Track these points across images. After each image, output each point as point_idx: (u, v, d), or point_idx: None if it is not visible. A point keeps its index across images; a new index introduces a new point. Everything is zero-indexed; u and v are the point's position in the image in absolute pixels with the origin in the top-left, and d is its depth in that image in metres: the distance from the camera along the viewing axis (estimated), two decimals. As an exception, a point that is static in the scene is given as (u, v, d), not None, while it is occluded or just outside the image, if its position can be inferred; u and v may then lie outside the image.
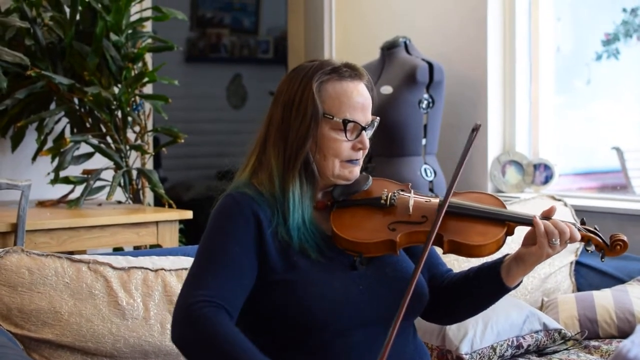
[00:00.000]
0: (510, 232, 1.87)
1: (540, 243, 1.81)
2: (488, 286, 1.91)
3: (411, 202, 1.90)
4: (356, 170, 1.91)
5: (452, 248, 1.84)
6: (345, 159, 1.88)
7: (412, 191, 1.95)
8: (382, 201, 1.90)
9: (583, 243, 1.88)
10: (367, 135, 1.90)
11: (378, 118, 1.94)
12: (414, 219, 1.87)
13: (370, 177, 1.96)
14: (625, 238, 1.87)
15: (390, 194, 1.91)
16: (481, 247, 1.83)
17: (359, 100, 1.88)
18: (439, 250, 1.95)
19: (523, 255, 1.86)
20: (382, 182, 1.98)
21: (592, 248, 1.88)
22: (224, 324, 1.71)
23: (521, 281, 1.92)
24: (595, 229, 1.90)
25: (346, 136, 1.87)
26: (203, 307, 1.72)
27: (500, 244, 1.85)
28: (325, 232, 1.88)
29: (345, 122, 1.86)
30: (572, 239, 1.83)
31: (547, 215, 1.87)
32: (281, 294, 1.81)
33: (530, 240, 1.85)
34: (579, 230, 1.85)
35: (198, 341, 1.70)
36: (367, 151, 1.92)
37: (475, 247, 1.83)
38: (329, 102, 1.87)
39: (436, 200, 1.91)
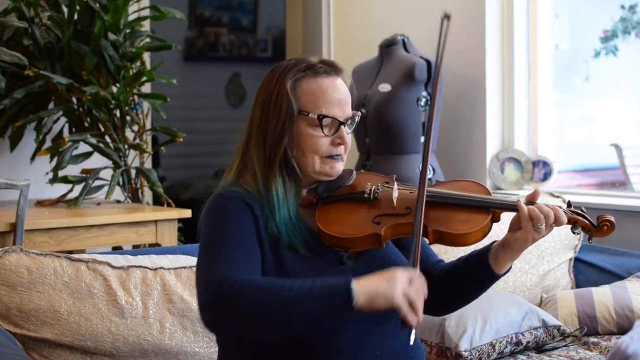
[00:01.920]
0: (496, 219, 1.87)
1: (524, 227, 1.81)
2: (477, 274, 1.92)
3: (395, 195, 1.90)
4: (338, 166, 1.91)
5: (437, 238, 1.84)
6: (325, 154, 1.89)
7: (396, 183, 1.95)
8: (366, 195, 1.90)
9: (570, 225, 1.87)
10: (347, 130, 1.90)
11: (359, 113, 1.94)
12: (398, 211, 1.87)
13: (354, 172, 1.97)
14: (612, 218, 1.86)
15: (373, 187, 1.92)
16: (466, 235, 1.83)
17: (335, 95, 1.88)
18: (426, 241, 1.96)
19: (509, 241, 1.86)
20: (366, 176, 1.98)
21: (579, 230, 1.87)
22: (257, 278, 1.70)
23: (510, 267, 1.91)
24: (582, 210, 1.89)
25: (323, 132, 1.87)
26: (231, 278, 1.67)
27: (486, 232, 1.85)
28: (312, 228, 1.89)
29: (321, 117, 1.86)
30: (558, 222, 1.82)
31: (531, 200, 1.87)
32: None
33: (515, 226, 1.85)
34: (564, 212, 1.85)
35: (246, 308, 1.65)
36: (349, 146, 1.92)
37: (460, 235, 1.83)
38: (304, 98, 1.87)
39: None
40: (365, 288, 1.65)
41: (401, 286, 1.65)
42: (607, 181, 4.49)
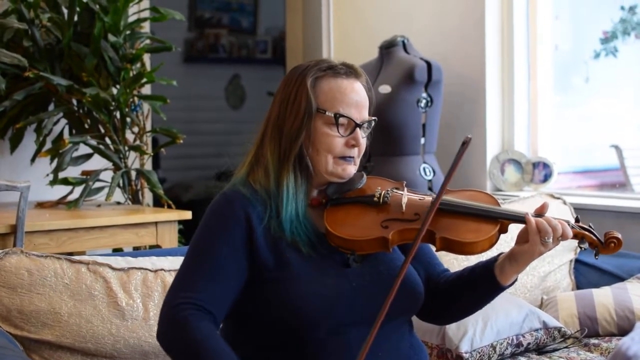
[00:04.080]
0: (503, 230, 1.87)
1: (532, 240, 1.82)
2: (482, 285, 1.92)
3: (404, 200, 1.91)
4: (350, 169, 1.92)
5: (444, 245, 1.85)
6: (339, 155, 1.89)
7: (406, 189, 1.96)
8: (376, 199, 1.91)
9: (577, 240, 1.87)
10: (362, 134, 1.91)
11: (375, 118, 1.95)
12: (407, 216, 1.87)
13: (365, 176, 1.97)
14: (619, 235, 1.86)
15: (383, 191, 1.92)
16: (473, 244, 1.83)
17: (353, 97, 1.90)
18: (432, 249, 1.96)
19: (516, 254, 1.86)
20: (376, 181, 1.99)
21: (585, 245, 1.87)
22: (205, 330, 1.75)
23: (516, 279, 1.92)
24: (590, 226, 1.89)
25: (339, 131, 1.88)
26: (187, 309, 1.76)
27: (493, 242, 1.86)
28: (319, 229, 1.89)
29: (337, 116, 1.87)
30: (564, 237, 1.83)
31: (539, 213, 1.87)
32: (273, 292, 1.81)
33: (523, 239, 1.85)
34: (572, 227, 1.86)
35: (178, 343, 1.75)
36: (362, 150, 1.93)
37: (468, 244, 1.83)
38: (323, 97, 1.89)
39: (429, 198, 1.91)
40: None
41: None
42: (607, 182, 4.49)
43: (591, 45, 4.26)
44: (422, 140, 3.94)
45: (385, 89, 3.91)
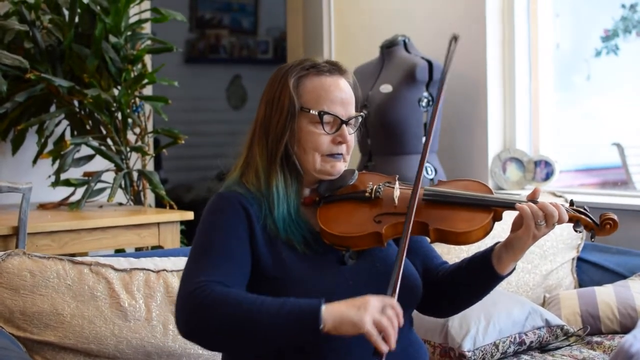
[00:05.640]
0: (498, 218, 1.86)
1: (526, 225, 1.81)
2: (481, 275, 1.91)
3: (396, 194, 1.90)
4: (339, 165, 1.92)
5: (438, 236, 1.84)
6: (326, 152, 1.89)
7: (398, 182, 1.95)
8: (367, 194, 1.91)
9: (572, 224, 1.86)
10: (350, 130, 1.91)
11: (362, 114, 1.95)
12: (400, 210, 1.86)
13: (356, 172, 1.97)
14: (615, 217, 1.84)
15: (375, 186, 1.92)
16: (467, 233, 1.82)
17: (337, 94, 1.90)
18: (427, 241, 1.96)
19: (511, 241, 1.85)
20: (368, 176, 1.99)
21: (581, 228, 1.86)
22: (230, 291, 1.70)
23: (514, 269, 1.91)
24: (585, 209, 1.88)
25: (324, 129, 1.88)
26: (205, 288, 1.70)
27: (487, 230, 1.84)
28: (314, 228, 1.89)
29: (322, 114, 1.87)
30: (560, 220, 1.82)
31: (532, 198, 1.86)
32: (271, 291, 1.79)
33: (518, 226, 1.84)
34: (567, 211, 1.84)
35: (211, 319, 1.68)
36: (351, 146, 1.92)
37: (462, 234, 1.82)
38: (307, 96, 1.89)
39: (422, 190, 1.90)
40: (334, 313, 1.64)
41: (371, 314, 1.62)
42: (609, 180, 4.49)
43: (592, 43, 4.26)
44: (424, 139, 3.94)
45: (386, 88, 3.91)
